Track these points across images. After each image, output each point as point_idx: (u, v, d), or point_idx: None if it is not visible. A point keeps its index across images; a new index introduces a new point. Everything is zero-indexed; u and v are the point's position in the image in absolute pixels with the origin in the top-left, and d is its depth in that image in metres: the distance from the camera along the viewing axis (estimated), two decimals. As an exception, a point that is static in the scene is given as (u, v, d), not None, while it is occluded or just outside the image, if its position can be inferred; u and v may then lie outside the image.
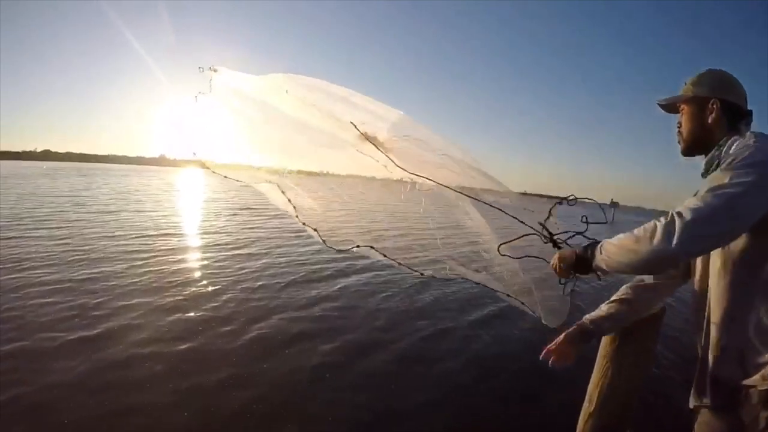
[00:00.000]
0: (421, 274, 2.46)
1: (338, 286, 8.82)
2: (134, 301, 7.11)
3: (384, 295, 8.43)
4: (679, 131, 1.87)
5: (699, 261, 1.78)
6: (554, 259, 1.98)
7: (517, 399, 5.03)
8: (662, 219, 1.37)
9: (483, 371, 5.61)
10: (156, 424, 4.00)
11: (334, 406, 4.49)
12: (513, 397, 5.09)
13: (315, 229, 2.38)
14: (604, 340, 2.33)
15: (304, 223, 2.37)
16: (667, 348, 6.45)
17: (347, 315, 7.22)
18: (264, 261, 10.95)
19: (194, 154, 2.26)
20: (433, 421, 4.44)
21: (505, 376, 5.52)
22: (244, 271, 9.67)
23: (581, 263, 1.76)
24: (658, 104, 1.96)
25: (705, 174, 1.72)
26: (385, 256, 2.46)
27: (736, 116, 1.72)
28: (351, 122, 2.15)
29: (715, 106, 1.72)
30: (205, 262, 10.55)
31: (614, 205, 52.17)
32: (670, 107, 1.92)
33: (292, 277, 9.32)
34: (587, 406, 2.35)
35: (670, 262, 1.54)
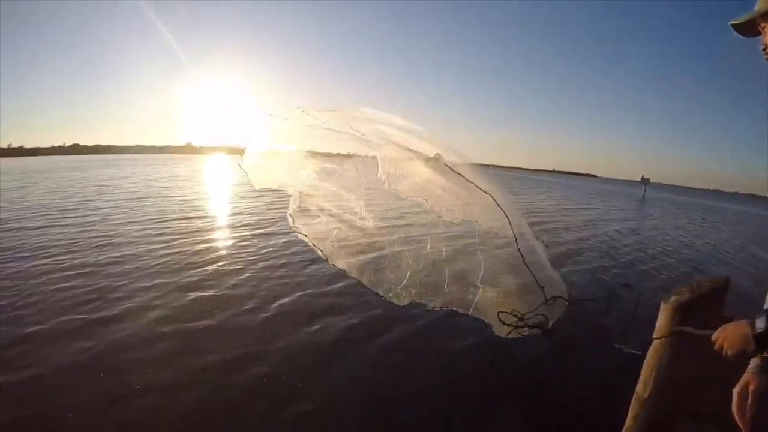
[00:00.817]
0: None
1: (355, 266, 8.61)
2: (155, 282, 7.10)
3: (408, 269, 8.18)
4: (765, 54, 1.42)
5: None
6: (720, 345, 1.55)
7: (537, 382, 4.78)
8: None
9: (504, 352, 5.34)
10: (169, 402, 3.90)
11: (351, 383, 4.34)
12: (533, 380, 4.83)
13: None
14: (662, 317, 2.03)
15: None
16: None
17: (370, 291, 7.01)
18: (286, 239, 10.79)
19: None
20: (450, 401, 4.24)
21: (525, 358, 5.16)
22: (266, 250, 9.62)
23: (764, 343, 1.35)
24: (732, 26, 1.48)
25: None
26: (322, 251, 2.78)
27: None
28: (437, 153, 2.56)
29: None
30: (228, 243, 10.54)
31: (645, 181, 50.28)
32: (748, 28, 1.46)
33: (315, 255, 9.14)
34: (640, 393, 2.09)
35: None
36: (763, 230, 25.50)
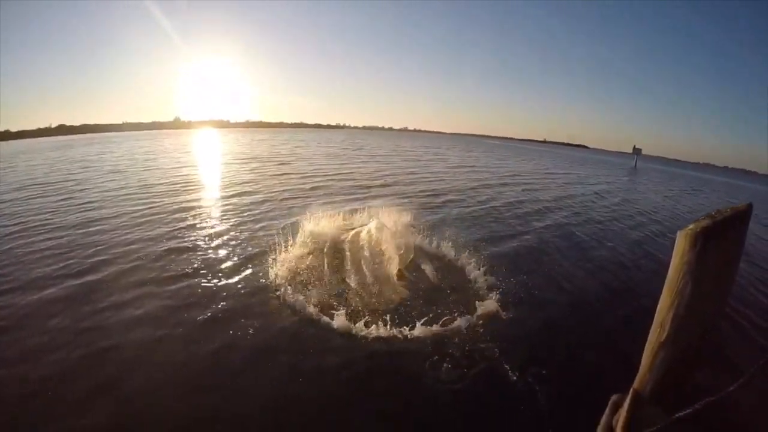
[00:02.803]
0: None
1: (341, 225, 8.64)
2: (134, 246, 7.17)
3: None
4: None
5: None
6: None
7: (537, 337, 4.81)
8: None
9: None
10: (139, 357, 4.03)
11: (320, 342, 4.38)
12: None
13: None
14: (680, 247, 1.79)
15: None
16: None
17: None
18: (270, 202, 10.98)
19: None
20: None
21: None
22: (246, 214, 9.72)
23: None
24: None
25: None
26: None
27: None
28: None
29: None
30: (211, 207, 10.60)
31: (637, 152, 49.70)
32: None
33: (297, 217, 9.19)
34: (657, 334, 1.89)
35: None
36: (745, 199, 25.61)
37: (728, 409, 3.30)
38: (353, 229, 7.65)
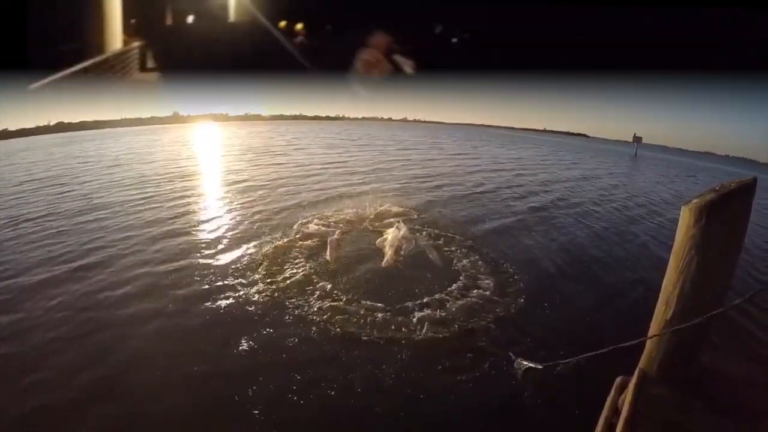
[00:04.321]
0: None
1: (333, 209, 8.77)
2: (131, 233, 7.23)
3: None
4: None
5: None
6: None
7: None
8: None
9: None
10: (132, 330, 4.16)
11: (307, 318, 4.48)
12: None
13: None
14: (684, 222, 1.75)
15: None
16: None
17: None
18: (262, 192, 10.90)
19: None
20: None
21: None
22: (241, 201, 9.74)
23: None
24: None
25: None
26: None
27: None
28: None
29: None
30: (207, 194, 10.69)
31: (637, 140, 49.25)
32: None
33: (292, 202, 9.34)
34: (663, 313, 1.83)
35: None
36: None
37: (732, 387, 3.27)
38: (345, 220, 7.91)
